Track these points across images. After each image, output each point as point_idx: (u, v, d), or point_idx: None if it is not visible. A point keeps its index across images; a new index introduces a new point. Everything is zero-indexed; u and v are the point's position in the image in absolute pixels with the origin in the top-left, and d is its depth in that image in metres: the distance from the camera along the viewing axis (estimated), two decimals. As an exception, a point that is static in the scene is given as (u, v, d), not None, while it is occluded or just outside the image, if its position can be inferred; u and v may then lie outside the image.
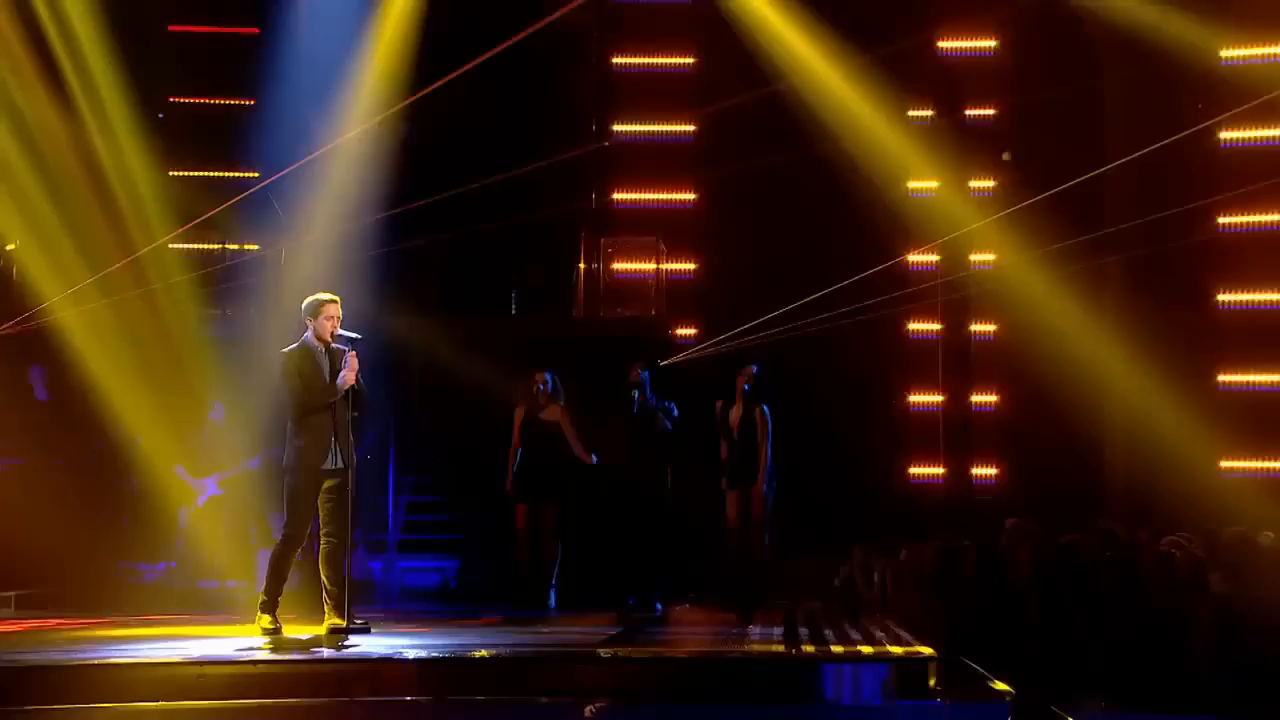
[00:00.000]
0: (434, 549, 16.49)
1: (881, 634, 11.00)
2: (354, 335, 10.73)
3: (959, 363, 17.77)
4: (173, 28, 18.80)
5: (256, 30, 18.07)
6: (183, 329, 15.83)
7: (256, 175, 16.73)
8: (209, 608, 13.59)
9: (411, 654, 9.43)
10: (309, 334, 10.76)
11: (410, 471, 16.73)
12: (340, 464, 10.64)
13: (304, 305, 10.80)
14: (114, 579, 14.80)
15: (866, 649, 9.83)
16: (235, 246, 17.64)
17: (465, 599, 15.45)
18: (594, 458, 14.17)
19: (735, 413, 14.09)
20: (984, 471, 17.79)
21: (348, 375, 10.61)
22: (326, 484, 10.65)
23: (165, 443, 14.94)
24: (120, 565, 15.10)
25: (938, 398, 17.89)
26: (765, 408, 14.16)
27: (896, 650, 9.70)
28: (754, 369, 14.13)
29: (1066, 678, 9.38)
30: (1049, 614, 10.39)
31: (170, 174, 16.97)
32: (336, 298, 10.79)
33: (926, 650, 9.56)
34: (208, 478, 14.87)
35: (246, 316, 16.67)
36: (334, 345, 10.74)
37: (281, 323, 13.16)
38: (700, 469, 14.24)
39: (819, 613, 13.00)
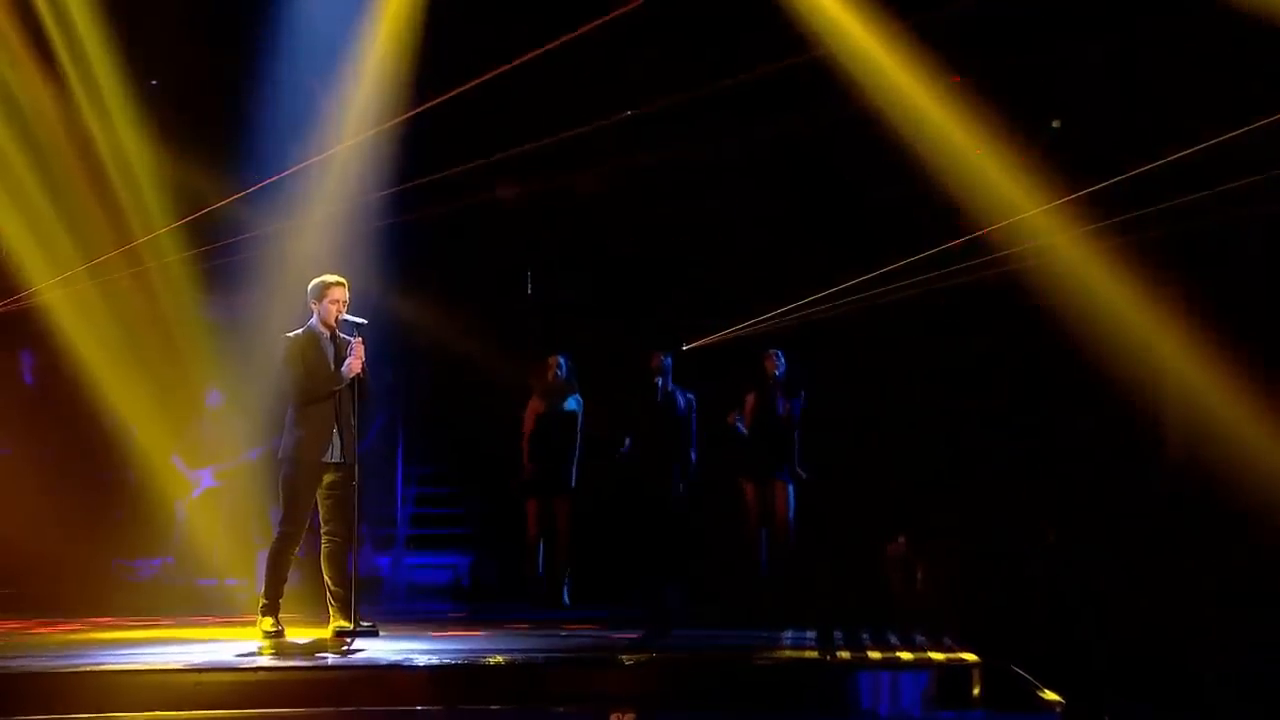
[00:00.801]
0: (445, 544, 16.52)
1: (922, 638, 10.94)
2: (360, 320, 10.68)
3: (1004, 343, 17.63)
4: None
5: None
6: (179, 311, 15.83)
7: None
8: (207, 607, 13.61)
9: (421, 660, 9.41)
10: (314, 319, 10.73)
11: (419, 462, 16.75)
12: (342, 457, 10.60)
13: (309, 288, 10.78)
14: (108, 577, 14.85)
15: (906, 655, 9.76)
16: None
17: (479, 597, 15.46)
18: (627, 442, 14.11)
19: (762, 401, 14.06)
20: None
21: (353, 363, 10.58)
22: (327, 479, 10.62)
23: (161, 432, 14.96)
24: (114, 562, 15.14)
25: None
26: (801, 394, 14.14)
27: (938, 656, 9.64)
28: (778, 355, 14.09)
29: (1124, 688, 9.33)
30: (1099, 617, 10.36)
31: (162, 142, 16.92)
32: (343, 280, 10.74)
33: (970, 657, 9.50)
34: (204, 469, 14.88)
35: (247, 298, 16.64)
36: (339, 331, 10.70)
37: (285, 305, 13.15)
38: (725, 461, 14.21)
39: (854, 615, 12.94)
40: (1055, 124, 18.01)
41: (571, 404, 14.27)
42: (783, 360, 14.19)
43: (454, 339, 15.95)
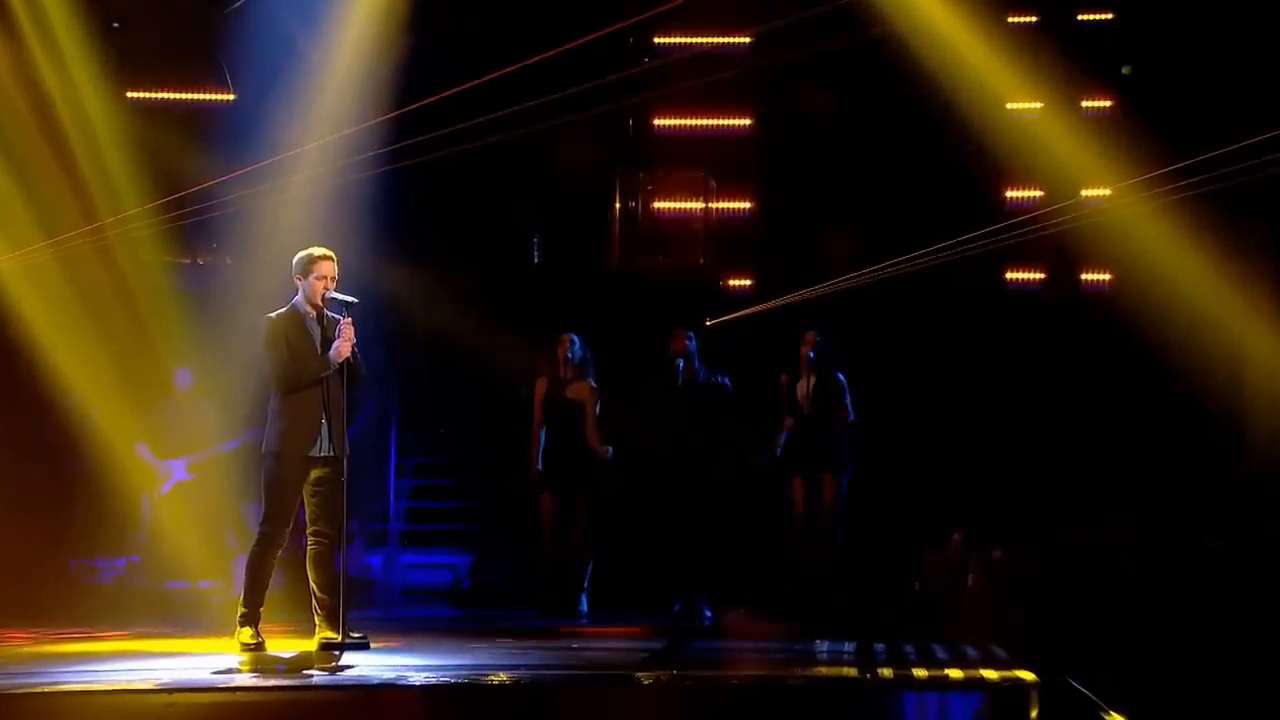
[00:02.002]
0: (443, 542, 16.61)
1: (974, 652, 10.97)
2: (349, 299, 10.68)
3: (1066, 319, 17.66)
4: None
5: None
6: (145, 280, 15.88)
7: (232, 98, 16.77)
8: (179, 614, 13.69)
9: (417, 678, 9.45)
10: (298, 296, 10.74)
11: (415, 451, 16.84)
12: (329, 450, 10.63)
13: (293, 262, 10.79)
14: (65, 579, 14.96)
15: (955, 673, 9.79)
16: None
17: (481, 602, 15.56)
18: (609, 451, 14.15)
19: (803, 386, 14.11)
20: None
21: (342, 346, 10.60)
22: (313, 474, 10.65)
23: (126, 417, 15.02)
24: (73, 562, 15.24)
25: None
26: (841, 376, 14.18)
27: (991, 675, 9.66)
28: (816, 334, 14.13)
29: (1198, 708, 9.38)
30: (1176, 629, 10.40)
31: (128, 95, 16.96)
32: (331, 253, 10.74)
33: (1028, 675, 9.53)
34: (175, 460, 14.96)
35: (223, 265, 16.72)
36: (326, 310, 10.73)
37: (268, 272, 13.21)
38: (758, 452, 14.25)
39: (899, 624, 13.00)
40: (1126, 70, 17.99)
41: (582, 389, 14.26)
42: (822, 340, 14.21)
43: (452, 315, 16.00)
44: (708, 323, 15.05)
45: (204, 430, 15.08)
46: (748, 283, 17.45)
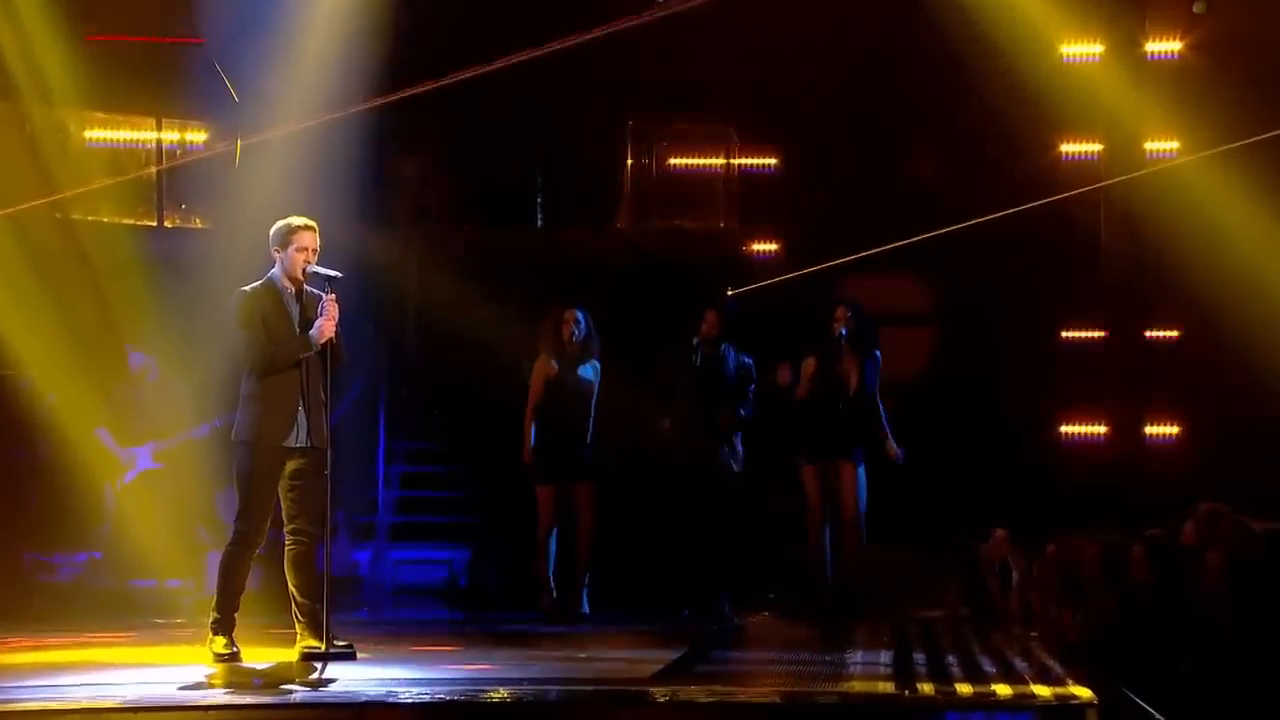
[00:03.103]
0: (437, 535, 16.66)
1: (1023, 662, 11.01)
2: (332, 273, 10.67)
3: (1129, 272, 17.68)
4: None
5: None
6: (105, 248, 15.92)
7: (201, 42, 16.78)
8: (144, 618, 13.76)
9: (407, 694, 9.48)
10: (276, 269, 10.75)
11: (405, 436, 16.88)
12: (307, 441, 10.66)
13: (271, 233, 10.80)
14: (18, 576, 15.01)
15: (1003, 689, 9.81)
16: (175, 136, 17.70)
17: (478, 601, 15.65)
18: (588, 439, 14.22)
19: (825, 367, 14.14)
20: (1161, 430, 17.72)
21: (324, 325, 10.61)
22: (291, 466, 10.66)
23: (85, 399, 15.05)
24: (27, 557, 15.30)
25: (1099, 332, 17.81)
26: (877, 354, 14.21)
27: (1043, 691, 9.69)
28: (848, 309, 14.14)
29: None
30: (1253, 634, 10.41)
31: (86, 39, 16.97)
32: (312, 223, 10.72)
33: (1083, 692, 9.56)
34: (140, 447, 15.01)
35: (194, 228, 16.74)
36: (307, 286, 10.74)
37: (244, 236, 13.24)
38: (784, 439, 14.31)
39: (939, 629, 13.04)
40: (1198, 8, 17.94)
41: (588, 371, 14.29)
42: (855, 315, 14.23)
43: (447, 284, 16.03)
44: (728, 293, 15.06)
45: (172, 414, 15.10)
46: (773, 248, 17.45)
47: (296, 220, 10.75)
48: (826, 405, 14.24)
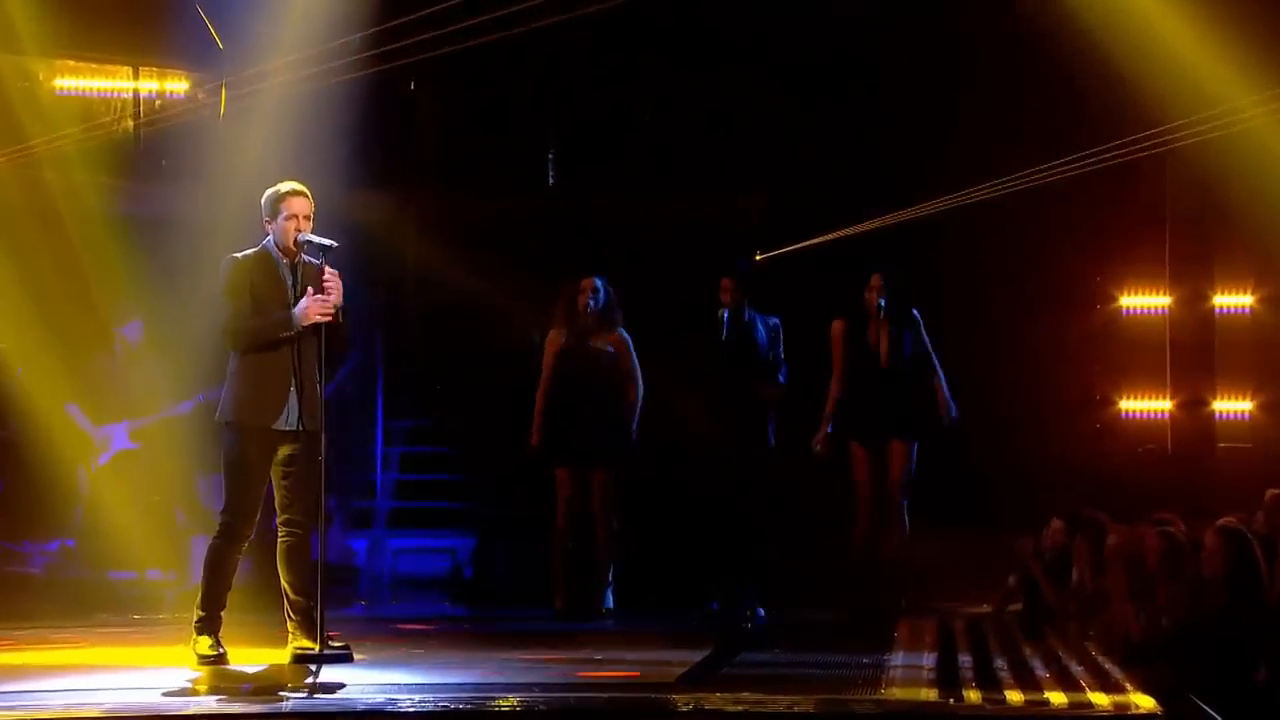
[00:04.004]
0: (440, 522, 16.71)
1: (1079, 666, 11.02)
2: (327, 242, 10.67)
3: (1196, 243, 17.65)
4: None
5: None
6: (78, 207, 15.93)
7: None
8: (122, 611, 13.83)
9: (408, 701, 9.50)
10: (270, 239, 10.79)
11: (405, 414, 16.89)
12: (298, 424, 10.68)
13: (261, 202, 10.82)
14: (-15, 567, 15.10)
15: (1057, 697, 9.82)
16: (153, 86, 17.70)
17: (486, 596, 15.69)
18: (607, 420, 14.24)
19: (872, 336, 14.16)
20: (1231, 406, 17.69)
21: (310, 305, 10.51)
22: (283, 451, 10.71)
23: (55, 373, 15.08)
24: (-7, 546, 15.41)
25: (1163, 298, 17.79)
26: (916, 314, 14.23)
27: (1101, 700, 9.69)
28: (883, 276, 14.15)
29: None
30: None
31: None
32: (302, 188, 10.72)
33: (1146, 702, 9.58)
34: (114, 425, 15.05)
35: (174, 189, 16.74)
36: (306, 256, 10.74)
37: (232, 195, 13.26)
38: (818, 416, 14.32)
39: (987, 627, 13.06)
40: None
41: (605, 344, 14.25)
42: (891, 282, 14.23)
43: (450, 248, 16.04)
44: (757, 257, 15.07)
45: (150, 389, 15.16)
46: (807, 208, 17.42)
47: (285, 186, 10.76)
48: (864, 380, 14.25)
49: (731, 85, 17.61)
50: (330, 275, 10.60)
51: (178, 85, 17.64)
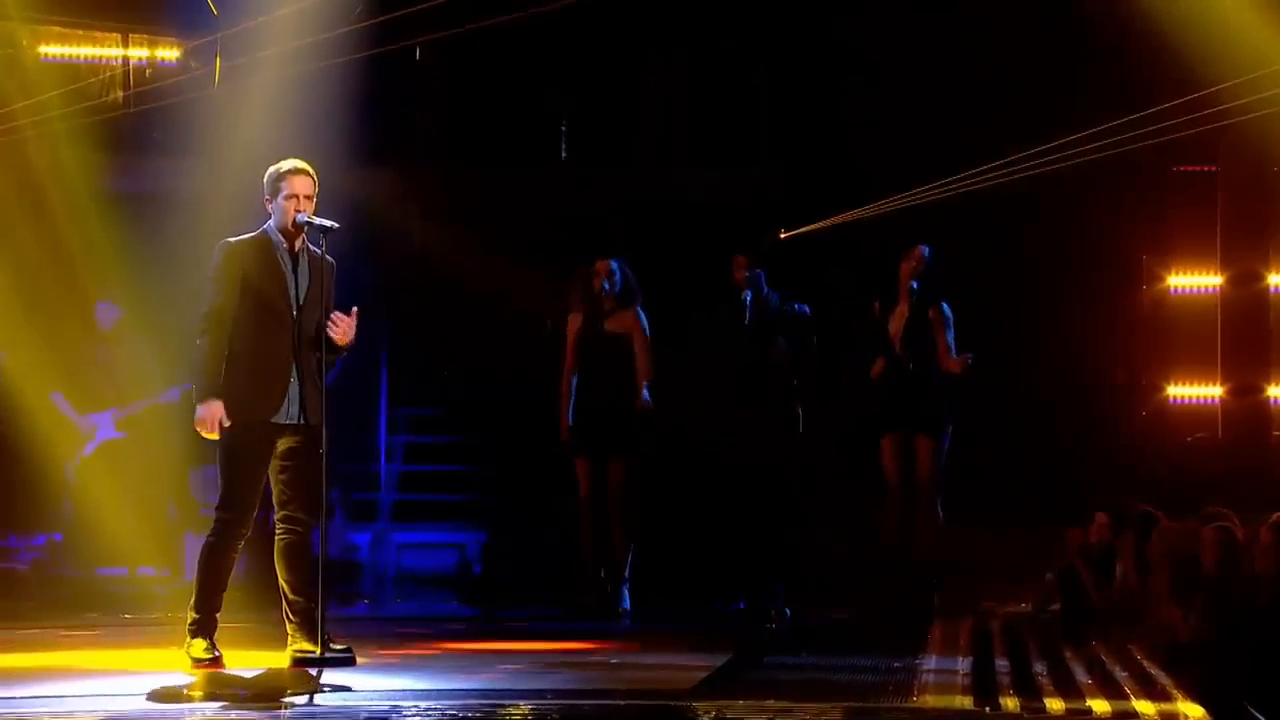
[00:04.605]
0: (447, 515, 16.75)
1: (1123, 671, 11.04)
2: (327, 224, 10.67)
3: (1249, 217, 17.63)
4: None
5: None
6: (63, 182, 15.95)
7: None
8: (112, 610, 13.87)
9: (413, 709, 9.53)
10: (271, 222, 10.79)
11: (411, 400, 16.92)
12: (299, 418, 10.71)
13: (264, 180, 10.83)
14: (-33, 563, 15.16)
15: (1100, 705, 9.83)
16: (143, 53, 17.71)
17: (495, 593, 15.70)
18: (645, 395, 14.25)
19: (898, 320, 14.17)
20: (1287, 392, 17.73)
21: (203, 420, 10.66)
22: (281, 445, 10.73)
23: (40, 360, 15.11)
24: (-23, 542, 15.45)
25: (1214, 278, 17.78)
26: (945, 307, 14.21)
27: (1147, 709, 9.70)
28: (924, 251, 14.14)
29: None
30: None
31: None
32: (305, 166, 10.70)
33: (1195, 711, 9.59)
34: (101, 414, 15.09)
35: (166, 163, 16.76)
36: (310, 246, 10.72)
37: (224, 174, 13.27)
38: (846, 406, 14.32)
39: (1025, 628, 13.07)
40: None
41: (622, 329, 14.24)
42: (927, 262, 14.23)
43: (458, 226, 16.05)
44: (780, 235, 15.08)
45: (137, 376, 15.18)
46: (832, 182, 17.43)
47: (287, 164, 10.76)
48: (908, 365, 14.26)
49: (755, 55, 17.64)
50: (341, 319, 10.64)
51: (170, 53, 17.67)
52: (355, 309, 10.67)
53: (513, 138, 17.73)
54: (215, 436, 10.60)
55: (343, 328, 10.64)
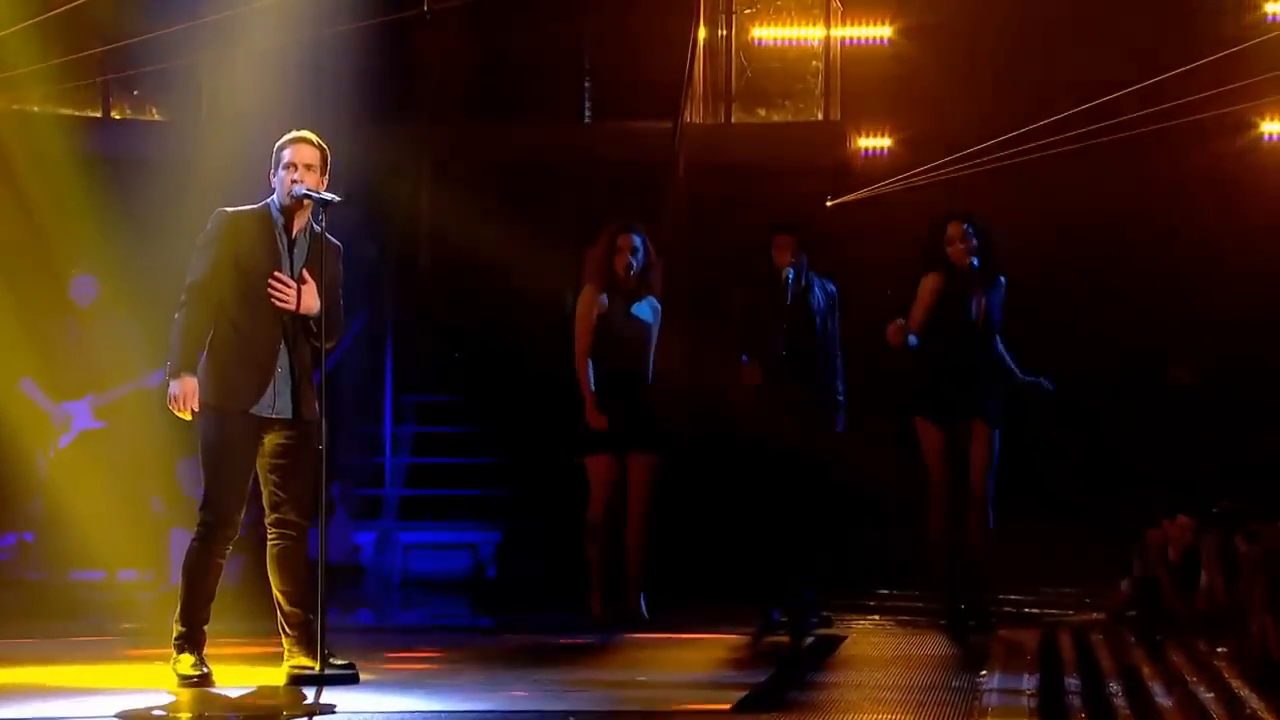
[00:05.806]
0: (458, 513, 16.79)
1: (1207, 691, 11.01)
2: (327, 196, 10.68)
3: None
4: None
5: None
6: (34, 143, 15.99)
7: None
8: (89, 618, 13.90)
9: (424, 733, 9.61)
10: (274, 197, 10.79)
11: (418, 388, 16.94)
12: (289, 411, 10.71)
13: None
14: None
15: (1185, 731, 9.90)
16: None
17: (510, 598, 15.77)
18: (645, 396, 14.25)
19: (947, 300, 14.16)
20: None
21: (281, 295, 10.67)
22: (271, 441, 10.72)
23: (8, 343, 15.14)
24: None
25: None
26: (1002, 281, 14.18)
27: (1232, 738, 9.75)
28: (969, 228, 14.09)
29: None
30: None
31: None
32: (309, 135, 10.71)
33: (1286, 734, 9.61)
34: (76, 402, 15.11)
35: (148, 125, 16.80)
36: (314, 224, 10.68)
37: (212, 136, 13.27)
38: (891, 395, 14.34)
39: (1097, 641, 13.06)
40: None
41: (645, 310, 14.21)
42: (977, 235, 14.19)
43: (470, 195, 16.07)
44: (828, 202, 15.08)
45: (117, 358, 15.19)
46: (886, 142, 17.44)
47: (288, 135, 10.77)
48: (950, 349, 14.21)
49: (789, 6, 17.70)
50: (280, 282, 10.63)
51: (152, 3, 17.65)
52: (305, 271, 10.62)
53: (529, 98, 17.75)
54: (187, 416, 10.58)
55: (281, 291, 10.60)
